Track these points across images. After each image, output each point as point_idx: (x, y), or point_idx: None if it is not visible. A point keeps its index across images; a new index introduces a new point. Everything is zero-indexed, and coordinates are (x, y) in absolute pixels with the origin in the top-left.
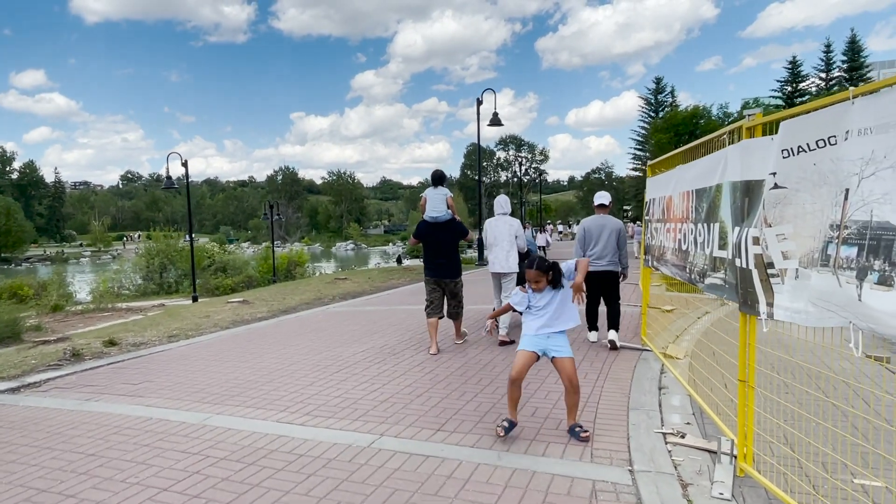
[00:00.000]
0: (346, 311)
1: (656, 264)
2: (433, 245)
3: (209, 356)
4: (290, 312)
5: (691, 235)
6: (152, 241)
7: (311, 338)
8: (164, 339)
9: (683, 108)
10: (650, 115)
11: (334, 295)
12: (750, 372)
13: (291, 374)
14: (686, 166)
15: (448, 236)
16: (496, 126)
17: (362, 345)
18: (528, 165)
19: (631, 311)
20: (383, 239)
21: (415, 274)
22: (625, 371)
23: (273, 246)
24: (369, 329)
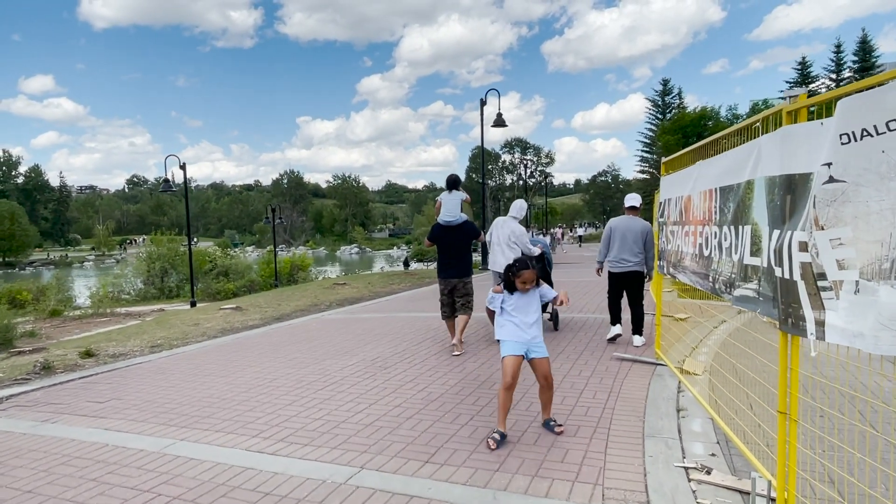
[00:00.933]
0: (340, 319)
1: (672, 271)
2: (446, 247)
3: (188, 369)
4: (284, 320)
5: (715, 239)
6: (153, 245)
7: (300, 349)
8: (147, 349)
9: (691, 109)
10: (657, 116)
11: (331, 301)
12: (792, 402)
13: (271, 392)
14: (708, 162)
15: (461, 239)
16: (500, 127)
17: (352, 357)
18: (534, 168)
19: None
20: (388, 242)
21: (416, 279)
22: (638, 389)
23: (275, 250)
24: (362, 339)
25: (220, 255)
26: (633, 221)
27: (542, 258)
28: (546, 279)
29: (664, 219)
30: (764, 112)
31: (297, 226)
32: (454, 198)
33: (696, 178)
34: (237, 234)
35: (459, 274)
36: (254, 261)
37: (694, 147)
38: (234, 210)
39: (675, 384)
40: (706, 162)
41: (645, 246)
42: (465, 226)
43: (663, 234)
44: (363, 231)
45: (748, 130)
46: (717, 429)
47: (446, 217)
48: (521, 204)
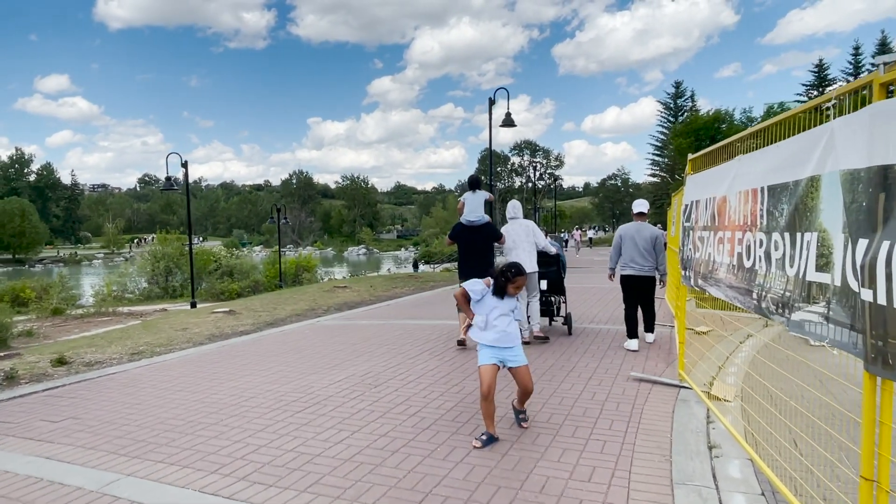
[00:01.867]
0: (336, 326)
1: (702, 283)
2: (467, 247)
3: (162, 382)
4: (277, 325)
5: (760, 248)
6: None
7: (287, 360)
8: (126, 357)
9: (704, 112)
10: (669, 119)
11: (329, 305)
12: (882, 467)
13: (245, 414)
14: (751, 157)
15: (482, 239)
16: (509, 127)
17: (342, 371)
18: (543, 171)
19: (659, 331)
20: (396, 244)
21: (420, 283)
22: (661, 419)
23: (280, 250)
24: (356, 349)
25: (225, 255)
26: (642, 227)
27: (557, 261)
28: (560, 283)
29: (690, 223)
30: (839, 88)
31: (305, 226)
32: (478, 198)
33: (735, 176)
34: (245, 233)
35: (481, 274)
36: (260, 261)
37: (730, 140)
38: (242, 210)
39: (703, 412)
40: (749, 157)
41: (655, 250)
42: (488, 227)
43: (689, 241)
44: (371, 232)
45: (808, 116)
46: (758, 472)
47: (470, 217)
48: (515, 204)
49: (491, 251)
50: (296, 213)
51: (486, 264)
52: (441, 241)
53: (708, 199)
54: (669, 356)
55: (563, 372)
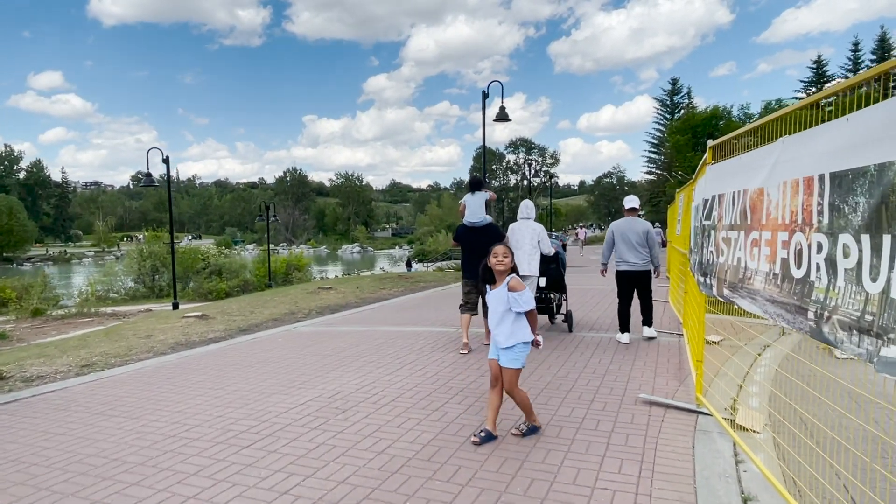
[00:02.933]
0: (313, 333)
1: (729, 294)
2: (471, 248)
3: (99, 405)
4: (250, 332)
5: (819, 254)
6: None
7: (249, 376)
8: (75, 369)
9: (702, 109)
10: (665, 116)
11: (310, 309)
12: None
13: (182, 450)
14: (801, 137)
15: (485, 240)
16: (503, 121)
17: (307, 391)
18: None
19: (666, 340)
20: (391, 242)
21: (410, 283)
22: (680, 457)
23: (269, 248)
24: (329, 363)
25: (214, 254)
26: (634, 222)
27: (557, 259)
28: (560, 281)
29: (712, 221)
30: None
31: (299, 224)
32: (478, 199)
33: (777, 163)
34: (239, 231)
35: None
36: (250, 259)
37: (769, 118)
38: (236, 208)
39: (728, 448)
40: (798, 137)
41: (648, 244)
42: (490, 227)
43: (710, 243)
44: (365, 230)
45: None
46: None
47: (471, 218)
48: (529, 203)
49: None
50: (289, 211)
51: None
52: (435, 239)
53: (737, 192)
54: (680, 371)
55: (560, 392)
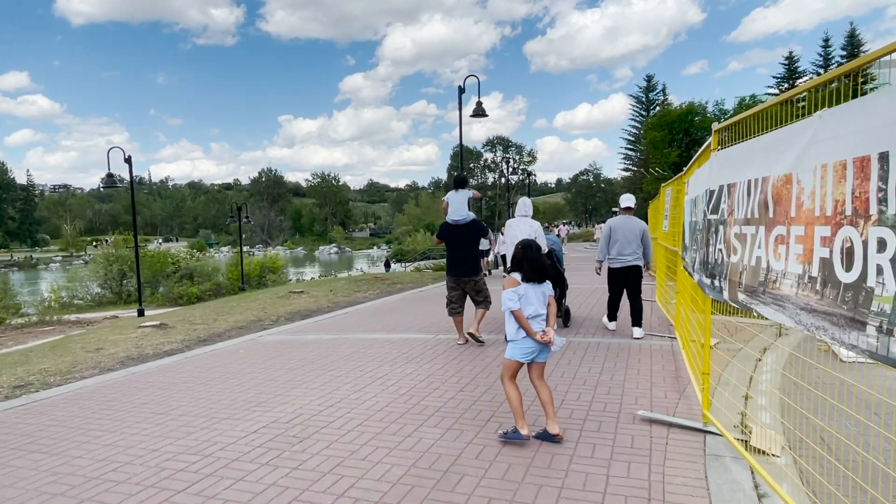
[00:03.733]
0: (279, 343)
1: (746, 299)
2: (455, 245)
3: (17, 438)
4: (211, 342)
5: (882, 253)
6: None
7: (201, 396)
8: (6, 391)
9: (677, 105)
10: (641, 113)
11: (279, 315)
12: None
13: (96, 500)
14: (847, 109)
15: (469, 238)
16: (480, 117)
17: (263, 415)
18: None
19: (659, 345)
20: (369, 242)
21: (386, 285)
22: (693, 491)
23: (241, 251)
24: (291, 379)
25: (185, 257)
26: (630, 221)
27: (551, 255)
28: (558, 276)
29: (720, 215)
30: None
31: (275, 225)
32: (460, 196)
33: (812, 143)
34: (213, 234)
35: (469, 272)
36: (223, 262)
37: (800, 89)
38: (210, 209)
39: (746, 476)
40: (844, 109)
41: (643, 242)
42: (473, 224)
43: (716, 240)
44: (343, 231)
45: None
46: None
47: (454, 216)
48: (527, 201)
49: (476, 248)
50: (265, 213)
51: (473, 261)
52: (414, 239)
53: (753, 180)
54: (677, 381)
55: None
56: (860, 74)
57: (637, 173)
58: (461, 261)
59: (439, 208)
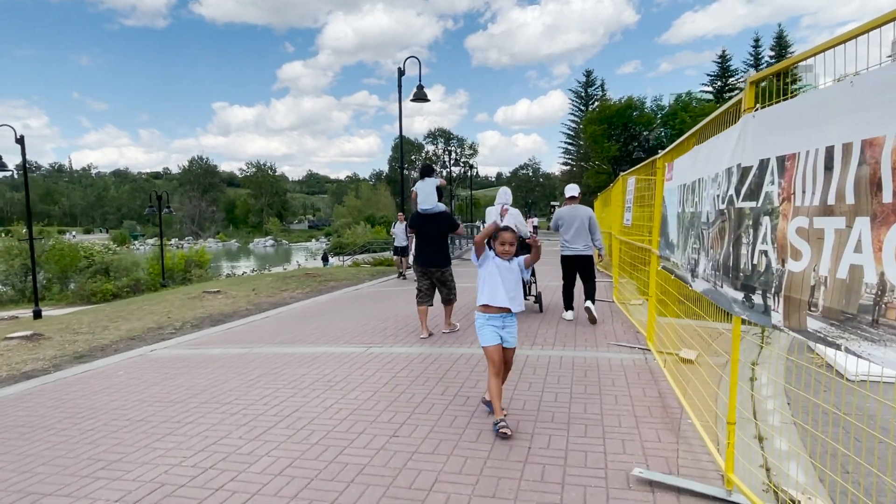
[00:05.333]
0: (174, 359)
1: (825, 329)
2: (424, 235)
3: None
4: (89, 359)
5: None
6: (14, 237)
7: (30, 451)
8: None
9: (616, 100)
10: (580, 108)
11: (186, 320)
12: None
13: None
14: None
15: (437, 228)
16: (421, 101)
17: (107, 487)
18: (458, 158)
19: (631, 360)
20: (307, 234)
21: (317, 282)
22: None
23: (161, 244)
24: (172, 415)
25: (99, 250)
26: (577, 209)
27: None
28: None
29: (759, 203)
30: None
31: (206, 216)
32: (428, 185)
33: None
34: (138, 225)
35: (437, 263)
36: (142, 255)
37: None
38: (135, 199)
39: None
40: None
41: (590, 229)
42: (443, 216)
43: (755, 237)
44: (279, 223)
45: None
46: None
47: (423, 205)
48: (506, 190)
49: (446, 239)
50: (195, 203)
51: (442, 253)
52: (353, 231)
53: (842, 147)
54: (666, 413)
55: (516, 469)
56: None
57: (577, 167)
58: (428, 251)
59: (379, 200)
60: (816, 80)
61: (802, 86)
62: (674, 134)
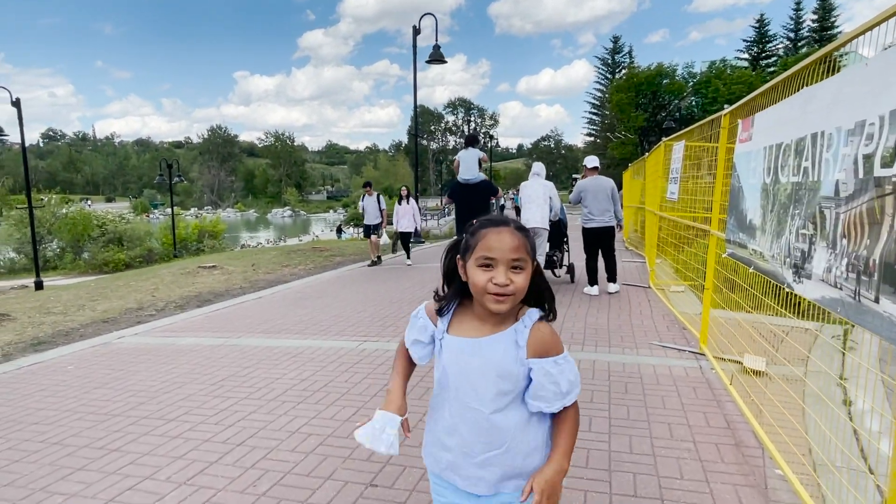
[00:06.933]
0: (137, 350)
1: None
2: (465, 204)
3: None
4: (48, 346)
5: None
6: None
7: None
8: None
9: (644, 67)
10: (607, 76)
11: (170, 300)
12: None
13: None
14: None
15: (479, 196)
16: (437, 62)
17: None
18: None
19: (681, 366)
20: (326, 205)
21: (323, 258)
22: None
23: (173, 214)
24: (103, 432)
25: (112, 219)
26: (600, 180)
27: (559, 221)
28: (561, 240)
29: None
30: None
31: (225, 186)
32: (471, 155)
33: None
34: (158, 194)
35: None
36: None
37: None
38: (156, 168)
39: None
40: None
41: (613, 200)
42: (483, 184)
43: None
44: (297, 193)
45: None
46: None
47: (465, 175)
48: (540, 164)
49: (487, 208)
50: (214, 173)
51: None
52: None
53: None
54: (741, 453)
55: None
56: None
57: (601, 138)
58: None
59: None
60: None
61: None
62: (706, 103)
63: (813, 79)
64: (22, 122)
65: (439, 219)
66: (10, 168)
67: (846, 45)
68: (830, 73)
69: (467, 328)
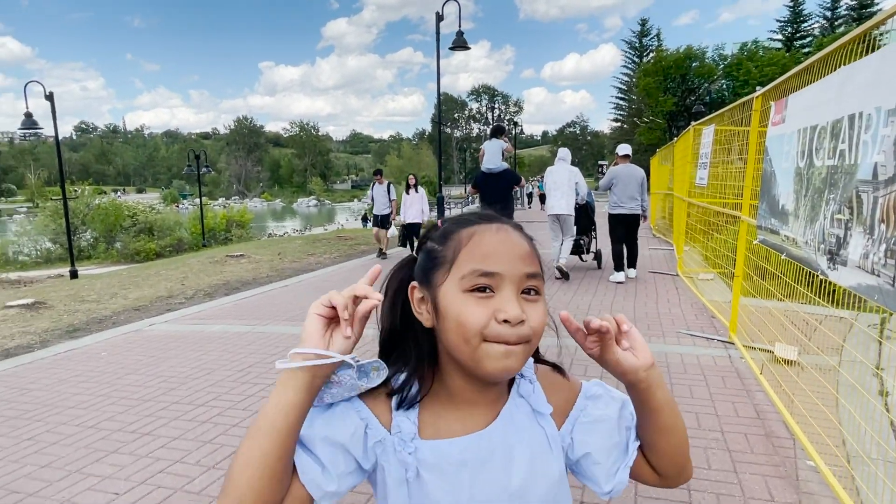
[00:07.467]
0: (168, 337)
1: None
2: (489, 193)
3: None
4: (84, 332)
5: None
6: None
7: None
8: None
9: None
10: (634, 60)
11: (199, 288)
12: None
13: None
14: None
15: (503, 184)
16: (461, 49)
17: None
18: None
19: (709, 355)
20: (350, 194)
21: (348, 246)
22: None
23: (201, 203)
24: (136, 416)
25: (143, 210)
26: (632, 168)
27: (586, 207)
28: (589, 226)
29: None
30: None
31: (252, 176)
32: (494, 146)
33: None
34: (187, 184)
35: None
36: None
37: None
38: (184, 159)
39: None
40: None
41: (642, 189)
42: (506, 173)
43: None
44: (322, 182)
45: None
46: None
47: (488, 164)
48: (566, 150)
49: (510, 197)
50: (241, 163)
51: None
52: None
53: None
54: (773, 447)
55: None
56: None
57: (628, 123)
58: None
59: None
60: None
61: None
62: (737, 86)
63: (850, 58)
64: (55, 116)
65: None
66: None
67: (886, 21)
68: (869, 53)
69: (449, 422)
